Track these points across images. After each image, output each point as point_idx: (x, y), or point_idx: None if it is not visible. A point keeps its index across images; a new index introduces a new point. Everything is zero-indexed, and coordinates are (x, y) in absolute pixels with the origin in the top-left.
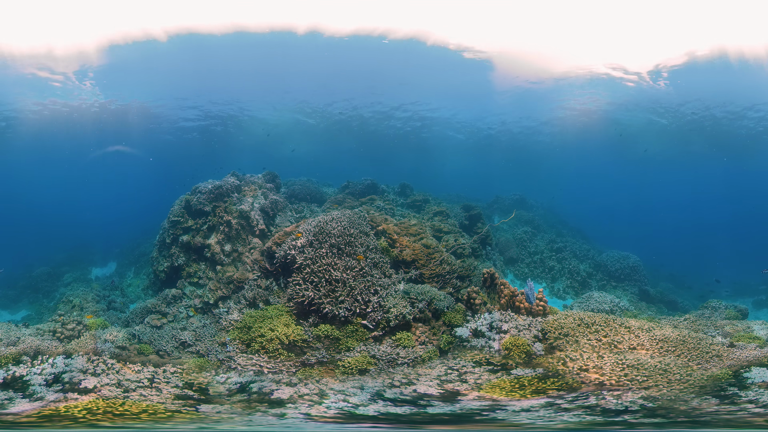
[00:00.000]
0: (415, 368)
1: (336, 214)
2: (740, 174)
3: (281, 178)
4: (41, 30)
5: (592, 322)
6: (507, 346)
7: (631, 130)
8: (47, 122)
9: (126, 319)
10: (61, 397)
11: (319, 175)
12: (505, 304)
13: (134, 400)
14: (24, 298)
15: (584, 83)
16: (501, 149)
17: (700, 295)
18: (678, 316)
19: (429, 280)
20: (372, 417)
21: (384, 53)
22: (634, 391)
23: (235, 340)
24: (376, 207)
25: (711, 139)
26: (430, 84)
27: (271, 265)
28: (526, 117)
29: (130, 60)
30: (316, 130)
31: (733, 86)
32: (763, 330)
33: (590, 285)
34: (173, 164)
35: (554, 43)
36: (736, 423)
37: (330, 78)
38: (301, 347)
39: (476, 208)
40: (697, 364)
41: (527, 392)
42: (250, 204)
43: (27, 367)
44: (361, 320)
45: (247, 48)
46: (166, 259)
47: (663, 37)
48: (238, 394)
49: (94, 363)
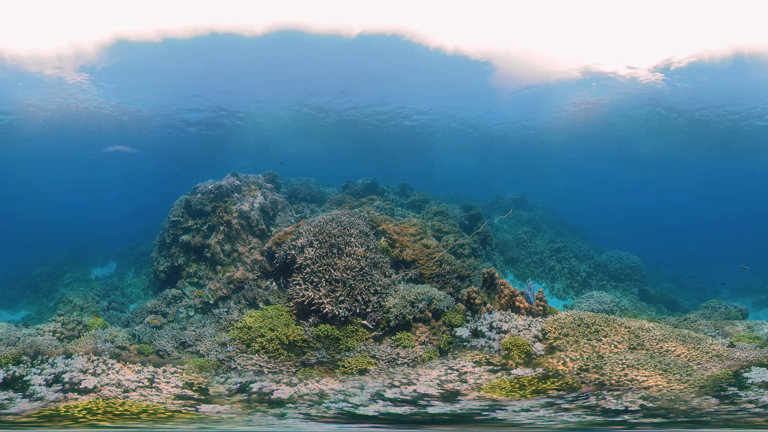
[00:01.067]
0: (415, 368)
1: (336, 213)
2: (741, 174)
3: (281, 178)
4: (41, 30)
5: (592, 322)
6: (507, 346)
7: (631, 130)
8: (47, 122)
9: (126, 319)
10: (61, 397)
11: (320, 175)
12: (505, 304)
13: (134, 400)
14: (24, 298)
15: (584, 83)
16: (501, 149)
17: (702, 296)
18: (678, 316)
19: (429, 280)
20: (372, 417)
21: (384, 53)
22: (634, 391)
23: (235, 340)
24: (377, 207)
25: (712, 138)
26: (431, 84)
27: (271, 265)
28: (526, 117)
29: (130, 60)
30: (317, 130)
31: (734, 86)
32: (763, 330)
33: (590, 285)
34: (173, 164)
35: (555, 42)
36: (736, 423)
37: (330, 78)
38: (301, 347)
39: (476, 208)
40: (697, 364)
41: (527, 392)
42: (250, 204)
43: (27, 367)
44: (361, 320)
45: (246, 48)
46: (166, 259)
47: (663, 37)
48: (238, 394)
49: (94, 363)
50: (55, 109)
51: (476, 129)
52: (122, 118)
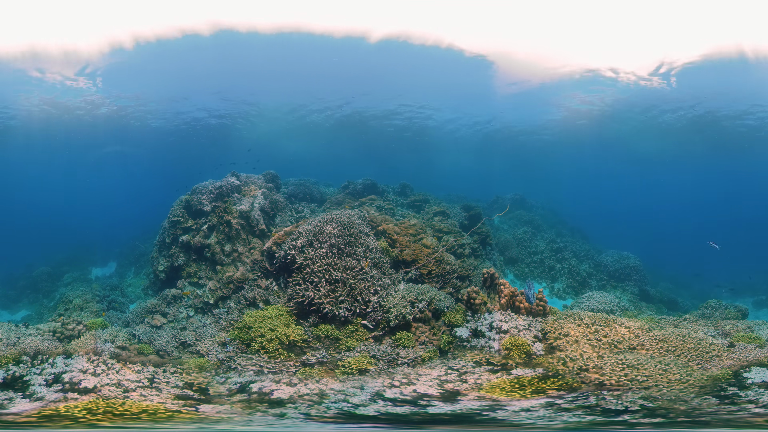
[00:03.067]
0: (415, 368)
1: (336, 214)
2: (740, 174)
3: (281, 178)
4: (41, 30)
5: (592, 322)
6: (507, 346)
7: (631, 130)
8: (48, 122)
9: (126, 319)
10: (61, 397)
11: (319, 175)
12: (505, 304)
13: (134, 400)
14: (24, 298)
15: (585, 83)
16: (501, 149)
17: (702, 295)
18: (678, 316)
19: (429, 280)
20: (372, 417)
21: (384, 53)
22: (634, 391)
23: (235, 340)
24: (376, 207)
25: (712, 138)
26: (430, 84)
27: (271, 265)
28: (526, 117)
29: (130, 60)
30: (317, 130)
31: (735, 85)
32: (763, 330)
33: (590, 285)
34: (173, 164)
35: (555, 42)
36: (736, 423)
37: (330, 78)
38: (301, 347)
39: (476, 208)
40: (697, 364)
41: (527, 392)
42: (250, 204)
43: (27, 367)
44: (361, 320)
45: (250, 48)
46: (166, 259)
47: (664, 37)
48: (238, 394)
49: (94, 363)
50: (55, 109)
51: (476, 129)
52: (122, 119)
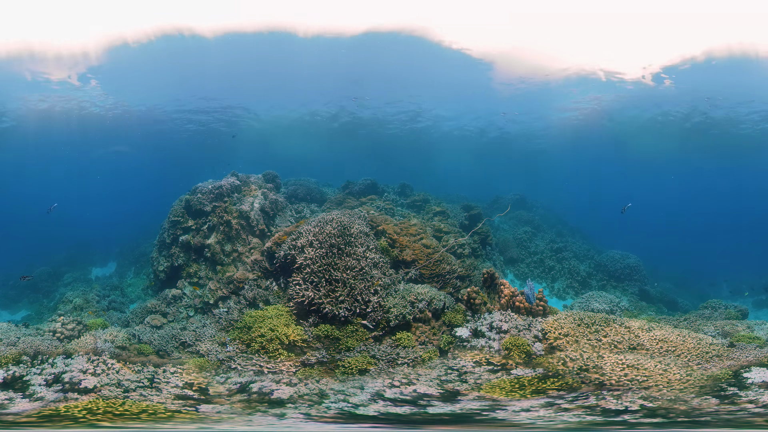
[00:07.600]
0: (415, 368)
1: (336, 214)
2: (740, 174)
3: (281, 178)
4: (41, 30)
5: (592, 322)
6: (507, 346)
7: (631, 130)
8: (48, 122)
9: (126, 319)
10: (61, 397)
11: (319, 175)
12: (505, 304)
13: (134, 400)
14: (24, 298)
15: (585, 83)
16: (501, 149)
17: (702, 296)
18: (678, 316)
19: (429, 280)
20: (372, 417)
21: (384, 53)
22: (634, 391)
23: (235, 340)
24: (377, 207)
25: (711, 138)
26: (431, 84)
27: (271, 265)
28: (527, 117)
29: (130, 61)
30: (317, 129)
31: (735, 85)
32: (763, 330)
33: (590, 285)
34: (173, 164)
35: (555, 43)
36: (736, 423)
37: (330, 78)
38: (301, 347)
39: (476, 208)
40: (697, 364)
41: (527, 392)
42: (250, 204)
43: (27, 367)
44: (361, 320)
45: (246, 48)
46: (166, 259)
47: (663, 38)
48: (238, 394)
49: (94, 363)
50: (55, 109)
51: (477, 129)
52: (123, 119)
